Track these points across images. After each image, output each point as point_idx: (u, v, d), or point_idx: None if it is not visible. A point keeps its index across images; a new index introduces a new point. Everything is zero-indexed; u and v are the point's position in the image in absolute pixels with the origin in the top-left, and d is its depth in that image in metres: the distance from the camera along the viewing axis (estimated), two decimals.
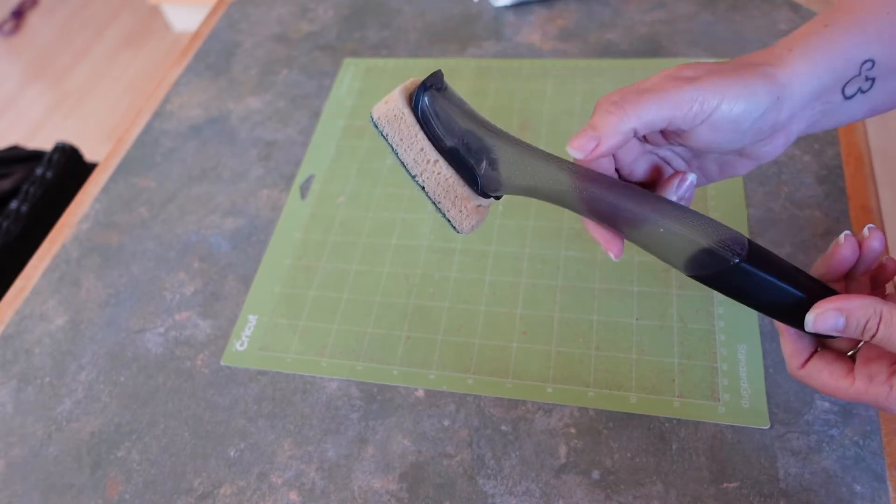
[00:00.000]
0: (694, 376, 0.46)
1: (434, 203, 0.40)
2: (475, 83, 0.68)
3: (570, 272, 0.53)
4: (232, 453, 0.48)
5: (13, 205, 0.80)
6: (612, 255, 0.37)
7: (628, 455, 0.44)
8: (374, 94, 0.69)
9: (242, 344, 0.53)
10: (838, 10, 0.36)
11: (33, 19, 2.32)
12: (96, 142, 1.87)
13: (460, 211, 0.40)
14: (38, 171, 0.83)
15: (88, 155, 0.94)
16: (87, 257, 0.61)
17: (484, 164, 0.38)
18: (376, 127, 0.38)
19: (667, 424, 0.45)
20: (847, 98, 0.36)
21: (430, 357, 0.50)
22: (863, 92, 0.36)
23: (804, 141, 0.57)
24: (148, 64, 2.08)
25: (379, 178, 0.62)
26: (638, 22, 0.71)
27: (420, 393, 0.49)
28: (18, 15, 2.31)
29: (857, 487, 0.41)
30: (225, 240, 0.60)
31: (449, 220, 0.40)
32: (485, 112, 0.64)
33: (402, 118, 0.37)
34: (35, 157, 0.92)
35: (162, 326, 0.55)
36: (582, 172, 0.37)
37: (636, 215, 0.34)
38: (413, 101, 0.37)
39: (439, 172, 0.39)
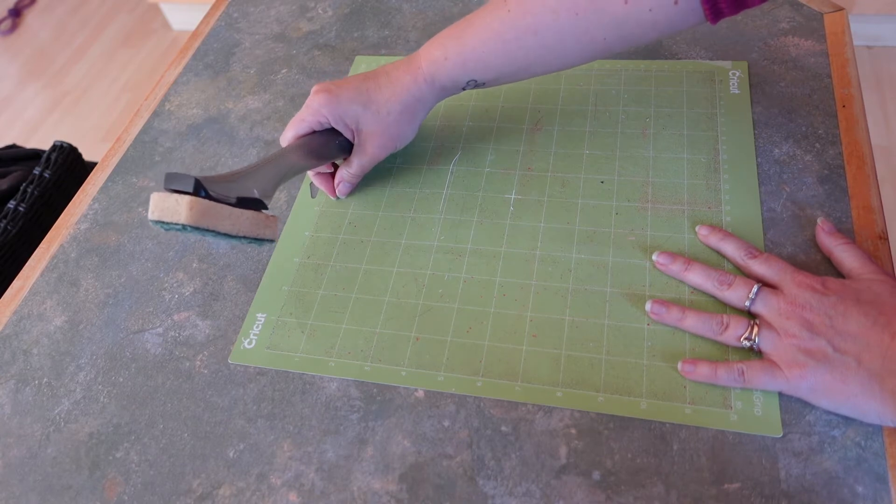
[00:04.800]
0: (706, 383, 0.46)
1: (255, 240, 0.50)
2: None
3: (581, 275, 0.53)
4: (231, 454, 0.48)
5: (11, 204, 0.79)
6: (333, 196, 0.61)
7: (629, 456, 0.44)
8: None
9: (251, 342, 0.53)
10: (455, 40, 0.53)
11: (31, 18, 2.32)
12: (94, 141, 1.87)
13: (270, 226, 0.51)
14: (37, 170, 0.82)
15: (86, 155, 0.94)
16: (86, 257, 0.61)
17: (256, 192, 0.50)
18: (196, 229, 0.46)
19: (668, 425, 0.45)
20: (464, 90, 0.55)
21: (438, 359, 0.50)
22: (478, 86, 0.55)
23: (805, 141, 0.57)
24: (146, 63, 2.08)
25: (389, 176, 0.62)
26: None
27: (420, 393, 0.49)
28: (16, 13, 2.30)
29: (859, 488, 0.41)
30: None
31: (269, 239, 0.51)
32: (498, 112, 0.65)
33: (208, 208, 0.46)
34: (33, 156, 0.92)
35: (161, 327, 0.55)
36: (278, 156, 0.54)
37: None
38: (197, 193, 0.46)
39: (247, 218, 0.49)
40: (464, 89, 0.55)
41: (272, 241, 0.52)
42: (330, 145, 0.56)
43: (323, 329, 0.53)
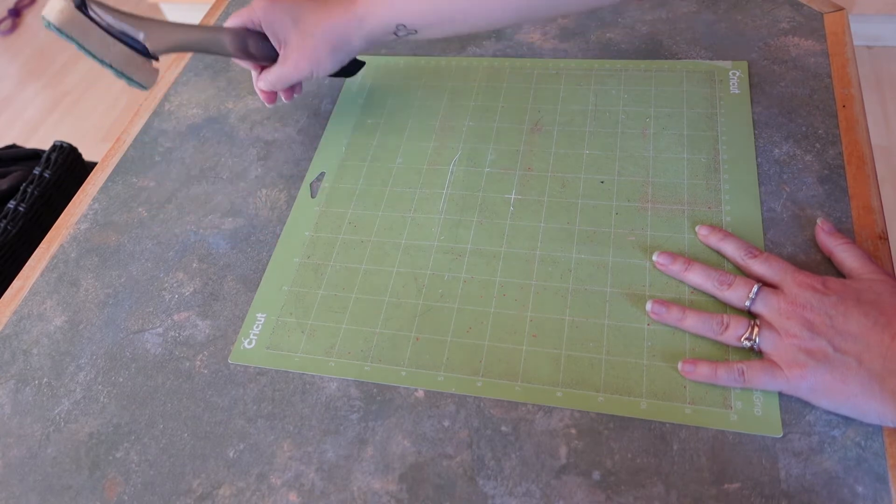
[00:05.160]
0: (706, 383, 0.46)
1: (124, 75, 0.56)
2: (487, 82, 0.68)
3: (581, 275, 0.52)
4: (231, 454, 0.48)
5: (11, 204, 0.79)
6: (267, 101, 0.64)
7: (629, 456, 0.44)
8: (387, 92, 0.69)
9: (251, 342, 0.53)
10: None
11: (31, 18, 2.32)
12: (94, 141, 1.87)
13: (145, 72, 0.58)
14: (37, 170, 0.82)
15: (86, 155, 0.94)
16: (86, 257, 0.61)
17: (142, 36, 0.56)
18: (60, 31, 0.53)
19: (668, 425, 0.45)
20: (399, 37, 0.56)
21: (438, 359, 0.50)
22: (412, 35, 0.56)
23: (805, 141, 0.57)
24: None
25: (389, 176, 0.62)
26: (639, 21, 0.70)
27: (420, 393, 0.49)
28: (16, 13, 2.30)
29: (859, 488, 0.41)
30: (224, 240, 0.60)
31: (139, 83, 0.58)
32: (497, 112, 0.65)
33: (78, 20, 0.53)
34: (33, 156, 0.92)
35: (161, 327, 0.55)
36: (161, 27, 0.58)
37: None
38: (79, 5, 0.53)
39: (120, 50, 0.55)
40: (395, 34, 0.56)
41: (144, 87, 0.58)
42: (258, 46, 0.59)
43: (323, 329, 0.53)
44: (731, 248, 0.50)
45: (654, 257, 0.52)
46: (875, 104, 1.57)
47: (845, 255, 0.48)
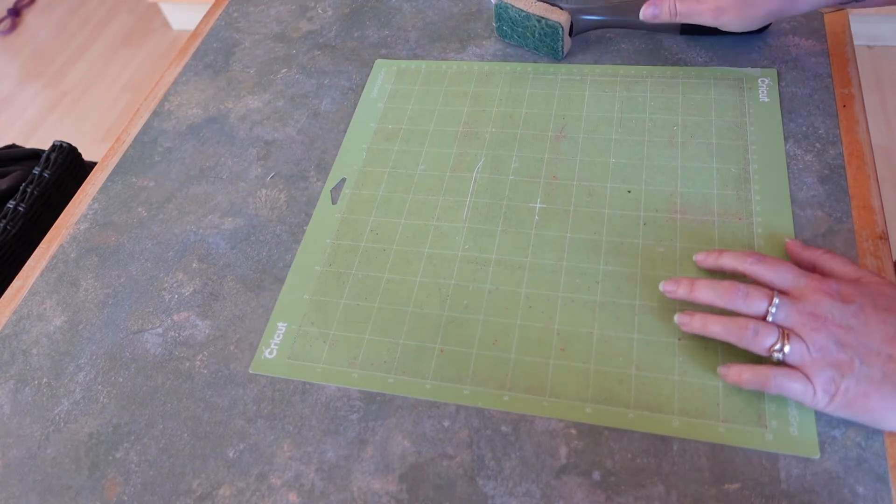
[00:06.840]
0: (739, 400, 0.45)
1: (540, 19, 0.65)
2: (510, 88, 0.67)
3: (609, 287, 0.51)
4: (231, 454, 0.48)
5: (11, 204, 0.79)
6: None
7: (629, 456, 0.44)
8: (407, 97, 0.68)
9: (272, 352, 0.52)
10: None
11: (30, 17, 2.32)
12: (94, 141, 1.87)
13: (554, 13, 0.65)
14: (36, 170, 0.82)
15: (86, 155, 0.94)
16: (86, 257, 0.61)
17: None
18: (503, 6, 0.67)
19: None
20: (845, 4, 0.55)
21: (464, 372, 0.49)
22: (855, 3, 0.55)
23: (806, 141, 0.57)
24: (146, 63, 2.08)
25: (411, 183, 0.60)
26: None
27: None
28: (16, 13, 2.30)
29: (860, 489, 0.41)
30: (224, 240, 0.60)
31: (555, 23, 0.65)
32: (521, 118, 0.64)
33: None
34: (33, 156, 0.92)
35: (160, 327, 0.55)
36: None
37: None
38: None
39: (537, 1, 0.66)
40: (843, 4, 0.56)
41: (562, 27, 0.65)
42: None
43: (345, 340, 0.52)
44: (730, 260, 0.48)
45: (661, 287, 0.49)
46: (875, 104, 1.57)
47: (833, 263, 0.46)
